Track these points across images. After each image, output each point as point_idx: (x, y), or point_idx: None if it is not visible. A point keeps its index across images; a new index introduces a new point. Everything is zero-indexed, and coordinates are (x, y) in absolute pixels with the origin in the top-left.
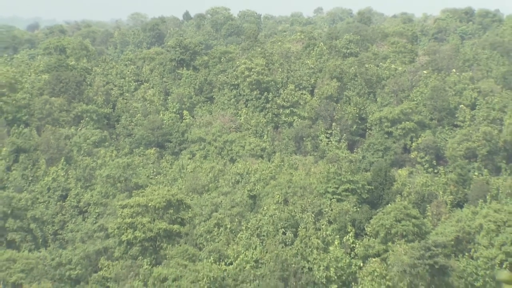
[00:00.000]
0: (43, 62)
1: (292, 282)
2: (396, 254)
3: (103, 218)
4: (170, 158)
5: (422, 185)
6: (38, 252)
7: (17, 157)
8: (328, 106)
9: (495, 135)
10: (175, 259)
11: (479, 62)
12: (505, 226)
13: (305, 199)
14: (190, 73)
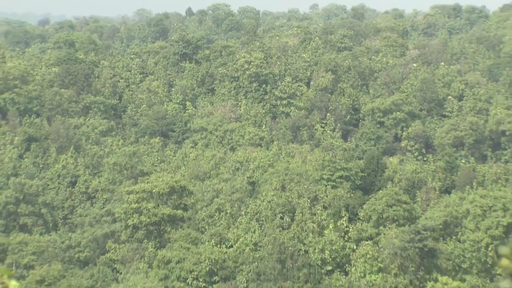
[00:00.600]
0: (53, 56)
1: (289, 264)
2: (388, 238)
3: (110, 203)
4: (173, 147)
5: (412, 172)
6: (49, 235)
7: (29, 146)
8: (323, 98)
9: (481, 125)
10: (178, 242)
11: (466, 55)
12: (490, 211)
13: (302, 185)
14: (193, 66)
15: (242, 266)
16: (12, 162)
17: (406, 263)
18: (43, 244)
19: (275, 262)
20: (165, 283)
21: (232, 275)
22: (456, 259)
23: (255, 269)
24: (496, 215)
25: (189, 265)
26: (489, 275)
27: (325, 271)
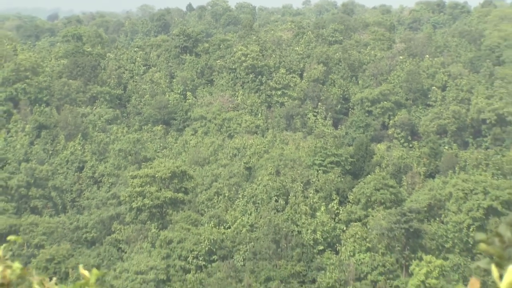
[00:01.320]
0: (62, 49)
1: (283, 244)
2: (375, 219)
3: (115, 187)
4: (175, 134)
5: (398, 158)
6: (58, 217)
7: (39, 133)
8: (315, 88)
9: (463, 114)
10: (180, 223)
11: (449, 48)
12: (472, 194)
13: (295, 170)
14: (193, 58)
15: (239, 246)
16: (23, 148)
17: (393, 243)
18: (53, 225)
19: (270, 242)
20: (167, 261)
21: (230, 254)
22: (439, 239)
23: (252, 248)
24: (477, 198)
25: (189, 245)
26: (471, 254)
27: (317, 251)
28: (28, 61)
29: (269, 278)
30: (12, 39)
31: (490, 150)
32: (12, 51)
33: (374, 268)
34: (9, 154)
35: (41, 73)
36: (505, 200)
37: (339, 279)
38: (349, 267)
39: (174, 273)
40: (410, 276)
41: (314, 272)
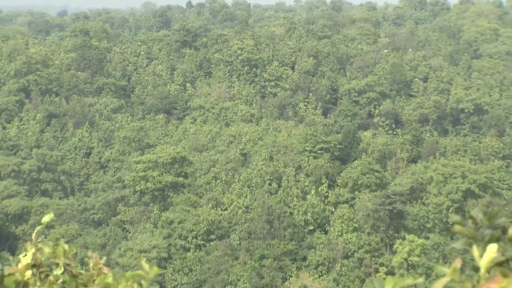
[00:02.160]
0: (70, 43)
1: (276, 224)
2: (362, 201)
3: (120, 171)
4: (175, 123)
5: (383, 144)
6: (67, 199)
7: (49, 121)
8: (306, 80)
9: (443, 103)
10: (180, 205)
11: (430, 43)
12: (451, 178)
13: (287, 156)
14: (192, 52)
15: (235, 226)
16: (34, 135)
17: (378, 223)
18: (62, 206)
19: (264, 223)
20: (168, 241)
21: (226, 234)
22: (421, 220)
23: (247, 229)
24: (456, 182)
25: (189, 225)
26: (450, 234)
27: (308, 231)
28: (39, 54)
29: (263, 256)
30: (24, 34)
31: (468, 137)
32: (24, 45)
33: (360, 246)
34: (21, 141)
35: (51, 66)
36: (481, 183)
37: (328, 257)
38: (337, 246)
39: (175, 251)
40: (394, 254)
41: (305, 250)
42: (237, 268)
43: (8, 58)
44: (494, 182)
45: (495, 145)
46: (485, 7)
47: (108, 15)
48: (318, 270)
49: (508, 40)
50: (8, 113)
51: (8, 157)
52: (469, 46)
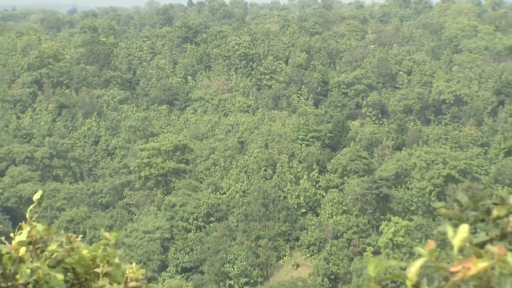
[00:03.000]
0: (80, 39)
1: (271, 207)
2: (350, 186)
3: (126, 158)
4: (177, 113)
5: (370, 133)
6: (77, 184)
7: (60, 112)
8: (299, 73)
9: (426, 95)
10: (182, 190)
11: (414, 39)
12: (433, 164)
13: (281, 144)
14: (193, 47)
15: (233, 209)
16: (47, 125)
17: (365, 206)
18: (72, 191)
19: (260, 206)
20: (171, 222)
21: (225, 216)
22: (405, 203)
23: (244, 211)
24: (437, 167)
25: (190, 208)
26: (432, 215)
27: (300, 213)
28: (50, 49)
29: (259, 237)
30: (36, 30)
31: (449, 126)
32: (37, 40)
33: (349, 228)
34: (34, 130)
35: (62, 60)
36: (461, 169)
37: (319, 238)
38: (327, 227)
39: (177, 232)
40: (380, 234)
41: (297, 231)
42: (234, 248)
43: (22, 53)
44: (473, 168)
45: (474, 133)
46: (465, 6)
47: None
48: (310, 250)
49: (486, 36)
50: (22, 104)
51: (22, 145)
52: (450, 41)
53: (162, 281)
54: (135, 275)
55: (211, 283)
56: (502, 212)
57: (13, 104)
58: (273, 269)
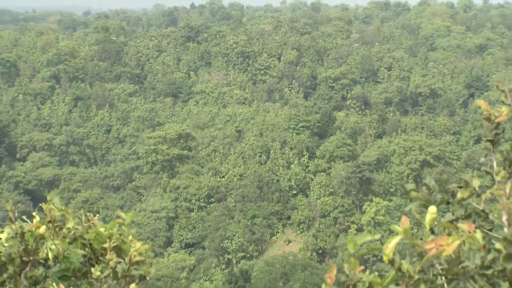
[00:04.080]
0: (93, 38)
1: (265, 189)
2: (337, 170)
3: (135, 145)
4: (181, 105)
5: (354, 123)
6: (91, 168)
7: (76, 103)
8: (290, 69)
9: (404, 88)
10: (185, 174)
11: (394, 38)
12: (410, 150)
13: (274, 132)
14: (195, 45)
15: (231, 191)
16: (64, 115)
17: (350, 188)
18: (87, 174)
19: (255, 188)
20: (175, 203)
21: (224, 197)
22: (385, 185)
23: (241, 193)
24: (414, 154)
25: (192, 190)
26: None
27: (291, 194)
28: (67, 47)
29: (254, 216)
30: (54, 30)
31: (425, 117)
32: (54, 39)
33: (335, 207)
34: (53, 120)
35: (77, 57)
36: (436, 155)
37: (308, 216)
38: (316, 207)
39: (181, 212)
40: (363, 214)
41: (289, 211)
42: (232, 226)
43: (42, 50)
44: (446, 154)
45: (447, 123)
46: (439, 8)
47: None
48: (300, 227)
49: (458, 35)
50: (42, 96)
51: (42, 133)
52: (426, 40)
53: (168, 255)
54: (139, 250)
55: (211, 257)
56: (466, 194)
57: (34, 97)
58: (267, 245)
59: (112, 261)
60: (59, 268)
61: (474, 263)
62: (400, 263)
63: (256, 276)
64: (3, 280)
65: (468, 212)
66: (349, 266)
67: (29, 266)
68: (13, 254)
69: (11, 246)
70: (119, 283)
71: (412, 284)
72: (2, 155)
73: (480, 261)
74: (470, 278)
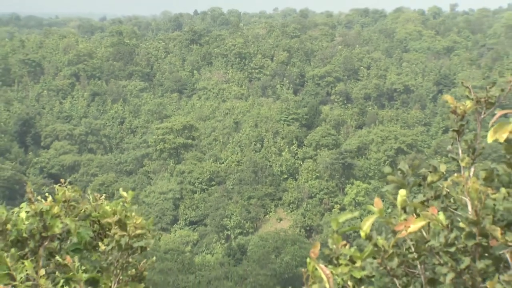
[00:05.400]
0: (109, 41)
1: (259, 174)
2: (322, 157)
3: (145, 135)
4: (185, 99)
5: (337, 115)
6: (107, 155)
7: (94, 98)
8: (282, 68)
9: (381, 85)
10: (189, 160)
11: (372, 41)
12: (386, 139)
13: (268, 124)
14: (198, 47)
15: (230, 175)
16: (83, 108)
17: (333, 173)
18: (103, 160)
19: (251, 173)
20: (181, 185)
21: (223, 181)
22: (365, 170)
23: (238, 177)
24: (390, 142)
25: (196, 174)
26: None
27: (283, 178)
28: (85, 49)
29: (250, 197)
30: (74, 34)
31: (399, 110)
32: (74, 42)
33: (321, 190)
34: (73, 112)
35: (94, 57)
36: (409, 143)
37: (297, 198)
38: (304, 189)
39: (186, 193)
40: (345, 195)
41: (280, 193)
42: (231, 206)
43: (63, 52)
44: (418, 143)
45: (418, 115)
46: (412, 15)
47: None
48: (290, 207)
49: (428, 39)
50: (64, 92)
51: (64, 124)
52: (400, 43)
53: (174, 231)
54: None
55: (212, 233)
56: (435, 178)
57: (56, 92)
58: (261, 222)
59: (117, 234)
60: (72, 242)
61: (439, 241)
62: (377, 239)
63: (252, 250)
64: (25, 253)
65: (437, 194)
66: (332, 241)
67: (48, 240)
68: (33, 231)
69: (31, 223)
70: (123, 255)
71: (386, 257)
72: (29, 144)
73: (444, 239)
74: (436, 254)
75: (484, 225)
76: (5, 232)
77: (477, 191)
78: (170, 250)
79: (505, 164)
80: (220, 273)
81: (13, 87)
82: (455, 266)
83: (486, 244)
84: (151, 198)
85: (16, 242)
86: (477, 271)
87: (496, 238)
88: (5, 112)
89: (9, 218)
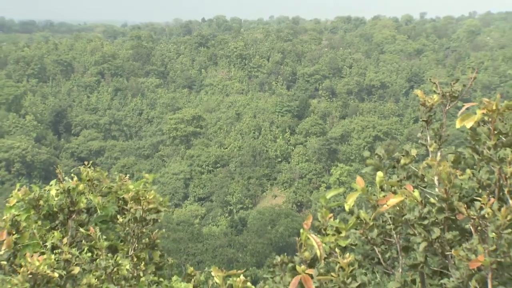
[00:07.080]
0: (129, 44)
1: (258, 157)
2: (311, 143)
3: (160, 124)
4: (195, 94)
5: (324, 107)
6: (128, 141)
7: (116, 93)
8: (277, 67)
9: (361, 82)
10: (198, 146)
11: (354, 44)
12: (366, 128)
13: (265, 115)
14: (205, 49)
15: (232, 159)
16: (107, 102)
17: (321, 157)
18: (124, 146)
19: (250, 157)
20: (191, 168)
21: (227, 163)
22: (347, 154)
23: (239, 160)
24: (369, 131)
25: (203, 158)
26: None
27: (277, 161)
28: (109, 51)
29: (249, 177)
30: (100, 38)
31: (377, 103)
32: (100, 45)
33: (310, 171)
34: (99, 105)
35: (117, 58)
36: (385, 131)
37: (290, 178)
38: (295, 170)
39: (195, 174)
40: (331, 175)
41: (275, 173)
42: (233, 185)
43: (90, 53)
44: (393, 131)
45: (393, 108)
46: (387, 22)
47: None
48: (284, 186)
49: (401, 42)
50: (91, 88)
51: (91, 115)
52: (378, 46)
53: (185, 206)
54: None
55: (217, 208)
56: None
57: (85, 88)
58: (259, 199)
59: (132, 208)
60: (99, 215)
61: (414, 215)
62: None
63: (251, 222)
64: (55, 225)
65: (409, 174)
66: (321, 215)
67: (75, 214)
68: (62, 205)
69: (60, 199)
70: (138, 226)
71: (367, 228)
72: (62, 132)
73: (418, 213)
74: (411, 226)
75: (452, 202)
76: (38, 207)
77: (447, 173)
78: (181, 222)
79: (470, 148)
80: (224, 241)
81: (48, 83)
82: (427, 236)
83: (453, 217)
84: (165, 178)
85: (48, 215)
86: (446, 241)
87: (462, 212)
88: (41, 104)
89: (41, 195)
